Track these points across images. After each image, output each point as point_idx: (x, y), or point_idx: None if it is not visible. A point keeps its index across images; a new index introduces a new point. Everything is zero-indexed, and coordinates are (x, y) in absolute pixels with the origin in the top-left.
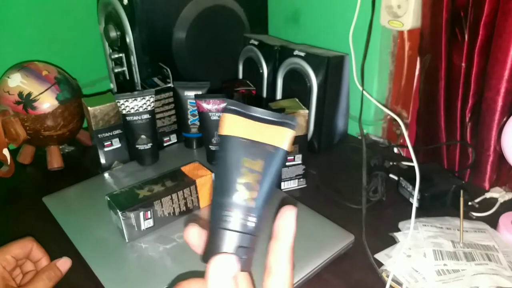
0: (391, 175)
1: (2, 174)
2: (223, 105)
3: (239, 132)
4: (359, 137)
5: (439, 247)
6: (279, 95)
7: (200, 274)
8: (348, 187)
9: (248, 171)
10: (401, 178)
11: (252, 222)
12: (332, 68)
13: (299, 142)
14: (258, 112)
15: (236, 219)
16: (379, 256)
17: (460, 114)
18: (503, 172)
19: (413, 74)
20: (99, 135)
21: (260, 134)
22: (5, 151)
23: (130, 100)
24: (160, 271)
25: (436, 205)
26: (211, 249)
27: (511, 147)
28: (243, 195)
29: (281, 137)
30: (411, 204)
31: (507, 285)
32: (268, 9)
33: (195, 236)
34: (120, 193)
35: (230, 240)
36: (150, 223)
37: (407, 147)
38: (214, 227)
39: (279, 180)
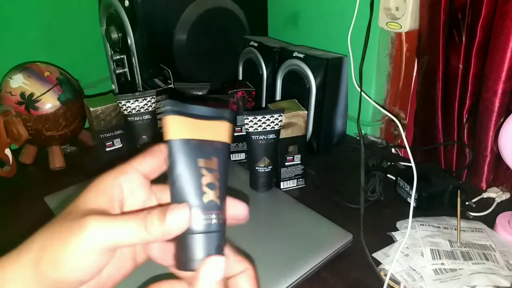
0: (389, 175)
1: (4, 174)
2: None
3: (187, 134)
4: (358, 138)
5: (436, 246)
6: (278, 96)
7: (171, 276)
8: (347, 187)
9: (207, 171)
10: (399, 178)
11: (221, 218)
12: (330, 69)
13: (298, 143)
14: (197, 109)
15: (208, 220)
16: (377, 255)
17: (457, 115)
18: (500, 172)
19: (411, 76)
20: (101, 136)
21: (205, 132)
22: (7, 151)
23: (131, 100)
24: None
25: (434, 205)
26: (189, 255)
27: (508, 148)
28: (210, 196)
29: (223, 132)
30: (409, 203)
31: (504, 284)
32: (268, 11)
33: (156, 249)
34: None
35: (210, 242)
36: None
37: (404, 147)
38: (186, 234)
39: (278, 179)
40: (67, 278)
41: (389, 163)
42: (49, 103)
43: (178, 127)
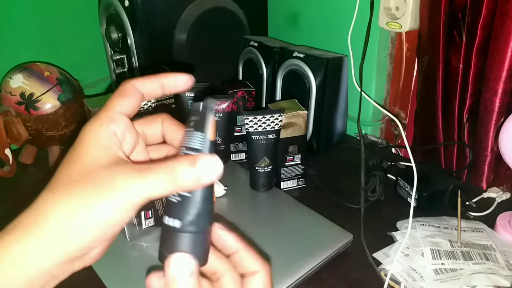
0: (389, 175)
1: (4, 174)
2: (223, 105)
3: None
4: (358, 138)
5: (437, 246)
6: (278, 96)
7: None
8: (347, 187)
9: None
10: (399, 178)
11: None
12: (331, 69)
13: (298, 143)
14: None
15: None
16: (377, 255)
17: (457, 115)
18: (500, 172)
19: (411, 75)
20: None
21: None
22: (7, 151)
23: None
24: (161, 270)
25: (434, 205)
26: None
27: (508, 148)
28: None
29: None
30: (409, 203)
31: (505, 284)
32: (268, 11)
33: (156, 281)
34: None
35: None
36: (151, 222)
37: (405, 147)
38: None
39: (278, 179)
40: (100, 240)
41: (389, 163)
42: (49, 103)
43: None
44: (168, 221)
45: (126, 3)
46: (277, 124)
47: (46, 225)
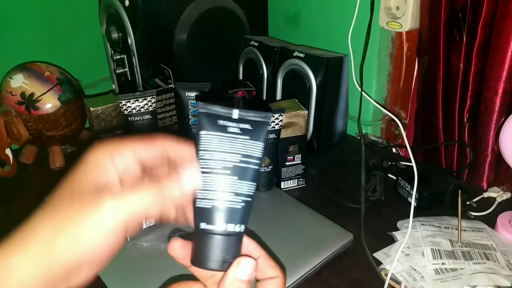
0: (389, 175)
1: (5, 174)
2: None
3: None
4: (358, 137)
5: (437, 246)
6: (279, 95)
7: (190, 277)
8: (347, 186)
9: None
10: (399, 178)
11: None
12: (331, 69)
13: (299, 142)
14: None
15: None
16: (378, 255)
17: (458, 115)
18: (501, 172)
19: (412, 75)
20: (101, 135)
21: None
22: (8, 151)
23: (131, 100)
24: (161, 270)
25: (434, 205)
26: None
27: (509, 147)
28: None
29: None
30: (410, 203)
31: (505, 284)
32: (268, 10)
33: (180, 249)
34: None
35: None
36: (151, 221)
37: (405, 147)
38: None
39: (278, 179)
40: (85, 258)
41: (389, 163)
42: (49, 103)
43: None
44: (233, 227)
45: (127, 3)
46: (277, 124)
47: (32, 240)
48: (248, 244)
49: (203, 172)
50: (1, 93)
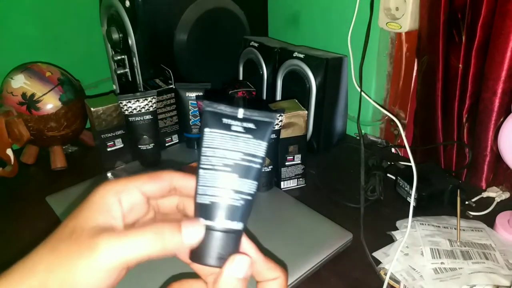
0: (389, 175)
1: (6, 174)
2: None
3: None
4: (358, 137)
5: (436, 246)
6: (278, 96)
7: (191, 275)
8: (347, 186)
9: None
10: (398, 178)
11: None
12: (331, 69)
13: (299, 142)
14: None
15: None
16: (377, 254)
17: (457, 115)
18: (499, 172)
19: (411, 75)
20: (102, 136)
21: None
22: (9, 151)
23: (132, 101)
24: (162, 268)
25: (434, 204)
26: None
27: (507, 147)
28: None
29: None
30: (409, 203)
31: (504, 283)
32: (268, 11)
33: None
34: None
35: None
36: None
37: (404, 147)
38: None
39: (278, 179)
40: None
41: (389, 163)
42: (50, 104)
43: None
44: (232, 224)
45: (127, 3)
46: (277, 124)
47: (29, 278)
48: (246, 245)
49: (204, 169)
50: (2, 93)
